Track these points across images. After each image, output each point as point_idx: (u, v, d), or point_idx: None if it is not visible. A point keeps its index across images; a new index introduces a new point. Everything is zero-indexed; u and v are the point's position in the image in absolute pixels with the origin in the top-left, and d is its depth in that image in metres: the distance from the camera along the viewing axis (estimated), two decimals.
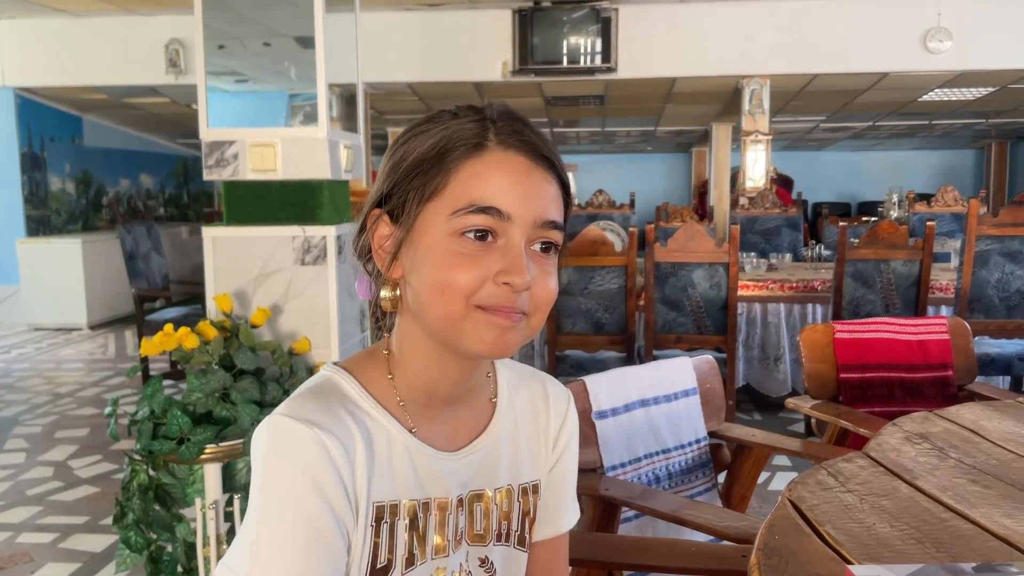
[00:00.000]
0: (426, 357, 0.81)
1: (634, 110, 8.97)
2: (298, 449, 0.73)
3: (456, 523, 0.85)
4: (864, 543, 1.04)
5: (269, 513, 0.73)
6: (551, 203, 0.79)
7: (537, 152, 0.78)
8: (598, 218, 6.07)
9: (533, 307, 0.77)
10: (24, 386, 5.35)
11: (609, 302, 3.79)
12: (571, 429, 0.97)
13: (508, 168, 0.77)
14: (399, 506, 0.80)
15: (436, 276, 0.75)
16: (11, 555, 2.83)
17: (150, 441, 1.73)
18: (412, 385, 0.83)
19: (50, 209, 8.05)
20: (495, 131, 0.78)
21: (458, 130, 0.78)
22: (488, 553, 0.89)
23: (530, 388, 0.94)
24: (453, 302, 0.75)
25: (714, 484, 1.99)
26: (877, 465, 1.33)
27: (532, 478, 0.92)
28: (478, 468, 0.87)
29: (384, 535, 0.79)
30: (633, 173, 13.52)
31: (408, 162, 0.79)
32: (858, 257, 3.93)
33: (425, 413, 0.84)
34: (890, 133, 11.35)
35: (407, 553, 0.81)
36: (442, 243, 0.76)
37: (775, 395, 4.42)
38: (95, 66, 7.06)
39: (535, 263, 0.77)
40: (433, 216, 0.77)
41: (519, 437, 0.92)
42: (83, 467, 3.75)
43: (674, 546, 1.47)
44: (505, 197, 0.75)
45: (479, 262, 0.75)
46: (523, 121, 0.80)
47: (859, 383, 2.34)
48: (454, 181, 0.76)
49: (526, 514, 0.92)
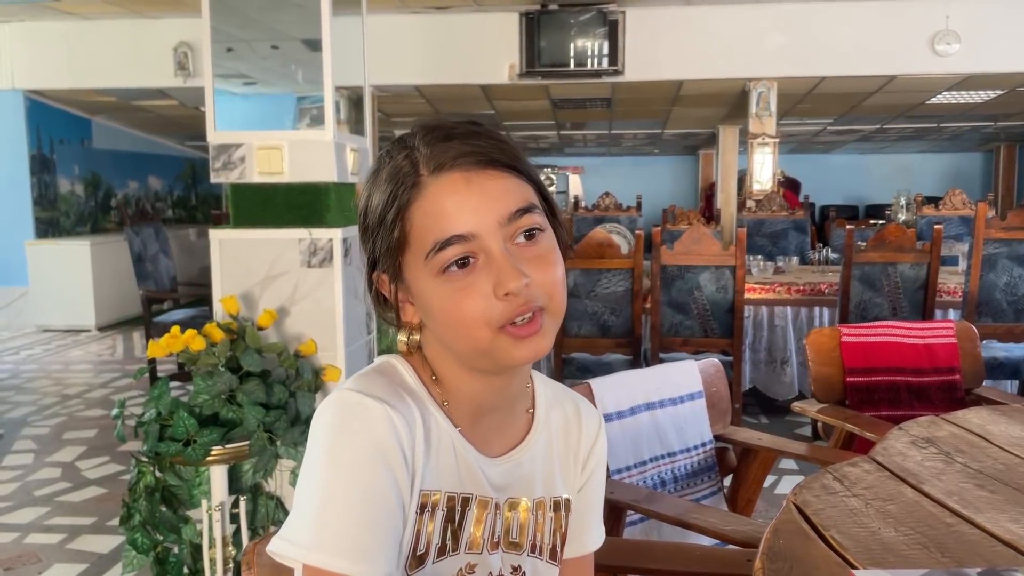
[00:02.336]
0: (461, 373, 0.84)
1: (641, 113, 8.96)
2: (368, 423, 0.75)
3: (494, 525, 0.86)
4: (869, 548, 1.04)
5: (335, 484, 0.73)
6: (506, 196, 0.78)
7: (469, 160, 0.78)
8: (604, 220, 6.07)
9: (546, 297, 0.78)
10: (33, 387, 5.37)
11: (615, 305, 3.79)
12: (600, 451, 0.98)
13: (447, 191, 0.77)
14: (440, 496, 0.82)
15: (445, 318, 0.78)
16: (19, 555, 2.84)
17: (156, 443, 1.74)
18: (455, 392, 0.85)
19: (59, 211, 8.08)
20: (424, 163, 0.78)
21: (394, 175, 0.79)
22: (521, 563, 0.90)
23: (563, 407, 0.96)
24: (476, 332, 0.77)
25: (720, 488, 1.99)
26: (883, 469, 1.32)
27: (564, 494, 0.94)
28: (515, 477, 0.88)
29: (425, 523, 0.81)
30: (640, 176, 13.51)
31: (372, 224, 0.81)
32: (865, 260, 3.92)
33: (470, 419, 0.86)
34: (898, 136, 11.32)
35: (440, 543, 0.82)
36: (433, 287, 0.77)
37: (781, 398, 4.41)
38: (104, 69, 7.09)
39: (525, 254, 0.78)
40: (413, 266, 0.79)
41: (553, 452, 0.93)
42: (91, 468, 3.77)
43: (679, 550, 1.47)
44: (458, 220, 0.76)
45: (474, 288, 0.76)
46: (448, 134, 0.79)
47: (866, 387, 2.33)
48: (411, 229, 0.78)
49: (558, 529, 0.92)
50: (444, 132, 0.79)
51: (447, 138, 0.79)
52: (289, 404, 1.90)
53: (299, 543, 0.72)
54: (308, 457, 0.76)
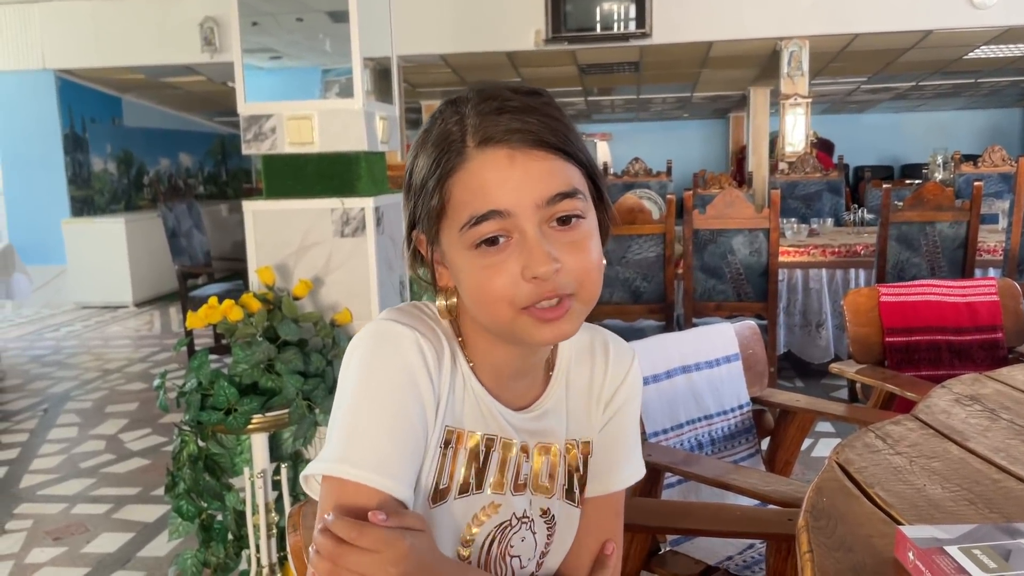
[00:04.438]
0: (487, 340, 0.85)
1: (669, 76, 8.84)
2: (400, 347, 0.79)
3: (519, 467, 0.87)
4: (915, 504, 1.02)
5: (365, 404, 0.77)
6: (549, 177, 0.77)
7: (517, 137, 0.77)
8: (634, 187, 6.02)
9: (576, 284, 0.77)
10: (74, 363, 5.48)
11: (647, 271, 3.77)
12: (629, 389, 0.97)
13: (489, 166, 0.76)
14: (464, 433, 0.84)
15: (473, 290, 0.78)
16: (67, 525, 2.92)
17: (198, 412, 1.77)
18: (479, 354, 0.86)
19: (93, 189, 8.19)
20: (471, 133, 0.77)
21: (442, 140, 0.78)
22: (550, 505, 0.91)
23: (592, 353, 0.95)
24: (497, 311, 0.78)
25: (757, 450, 1.98)
26: (926, 427, 1.31)
27: (583, 436, 0.94)
28: (539, 426, 0.90)
29: (449, 459, 0.83)
30: (669, 141, 13.35)
31: (415, 185, 0.81)
32: (902, 220, 3.85)
33: (493, 380, 0.87)
34: (934, 93, 11.06)
35: (463, 480, 0.84)
36: (464, 259, 0.78)
37: (817, 362, 4.37)
38: (132, 46, 7.13)
39: (560, 239, 0.77)
40: (448, 235, 0.79)
41: (573, 395, 0.94)
42: (133, 440, 3.85)
43: (719, 510, 1.47)
44: (497, 196, 0.76)
45: (503, 267, 0.76)
46: (501, 106, 0.78)
47: (905, 347, 2.30)
48: (450, 199, 0.78)
49: (575, 470, 0.93)
50: (498, 103, 0.78)
51: (499, 111, 0.78)
52: (326, 372, 1.92)
53: (326, 459, 0.76)
54: (341, 383, 0.80)
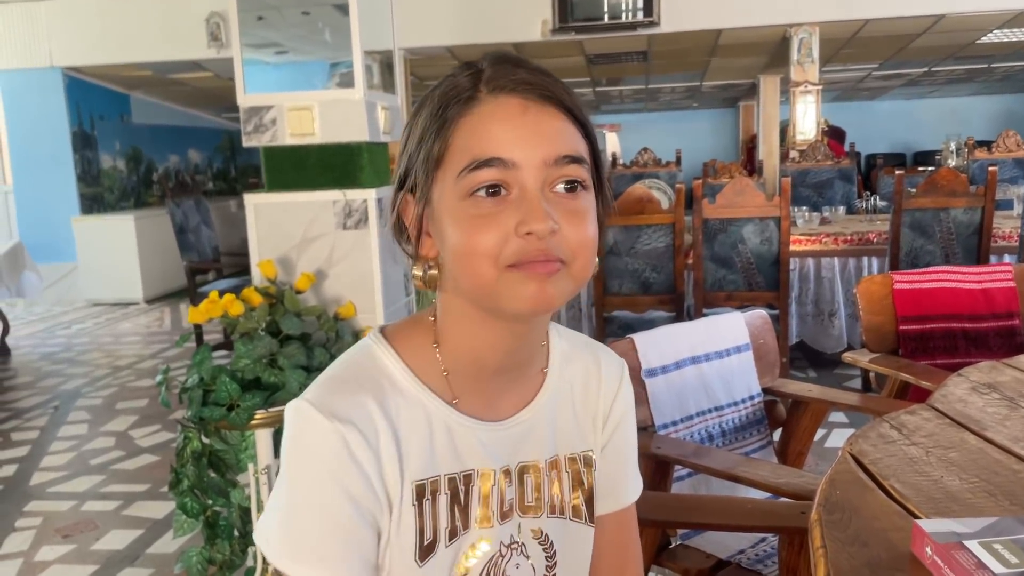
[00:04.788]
0: (470, 326, 0.78)
1: (678, 65, 8.77)
2: (319, 447, 0.74)
3: (502, 494, 0.82)
4: (932, 497, 0.99)
5: (294, 495, 0.75)
6: (560, 137, 0.73)
7: (532, 90, 0.73)
8: (644, 177, 5.97)
9: (570, 253, 0.72)
10: (85, 360, 5.50)
11: (657, 261, 3.73)
12: (624, 403, 0.93)
13: (502, 114, 0.72)
14: (439, 480, 0.79)
15: (458, 244, 0.72)
16: (76, 523, 2.92)
17: (200, 408, 1.75)
18: (458, 355, 0.80)
19: (103, 187, 8.20)
20: (485, 80, 0.74)
21: (450, 89, 0.75)
22: (542, 526, 0.86)
23: (583, 360, 0.91)
24: (481, 267, 0.72)
25: (769, 441, 1.94)
26: (943, 417, 1.27)
27: (582, 448, 0.89)
28: (525, 438, 0.84)
29: (427, 511, 0.78)
30: (679, 131, 13.26)
31: (413, 135, 0.77)
32: (916, 206, 3.79)
33: (472, 384, 0.81)
34: (947, 79, 10.94)
35: (449, 526, 0.79)
36: (456, 208, 0.72)
37: (830, 351, 4.32)
38: (139, 43, 7.13)
39: (560, 205, 0.73)
40: (443, 183, 0.74)
41: (567, 408, 0.88)
42: (143, 436, 3.85)
43: (730, 503, 1.43)
44: (504, 144, 0.71)
45: (496, 219, 0.71)
46: (517, 62, 0.75)
47: (919, 335, 2.26)
48: (453, 143, 0.73)
49: (579, 485, 0.88)
50: (515, 60, 0.76)
51: (516, 64, 0.75)
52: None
53: (270, 543, 0.75)
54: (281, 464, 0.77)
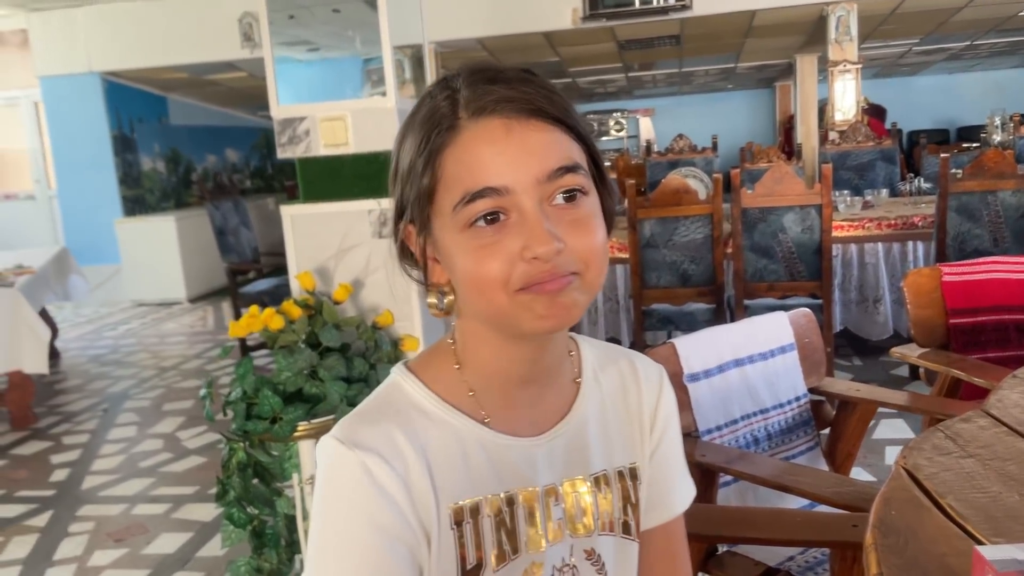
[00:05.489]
0: (492, 344, 0.78)
1: (712, 48, 8.63)
2: (344, 479, 0.73)
3: (549, 513, 0.80)
4: (991, 516, 0.96)
5: (326, 542, 0.73)
6: (549, 151, 0.71)
7: (513, 107, 0.71)
8: (679, 164, 5.90)
9: (581, 264, 0.71)
10: (132, 361, 5.60)
11: (695, 252, 3.68)
12: (668, 406, 0.91)
13: (485, 139, 0.70)
14: (480, 504, 0.77)
15: (466, 274, 0.72)
16: (127, 527, 2.97)
17: (244, 421, 1.76)
18: (483, 373, 0.79)
19: (143, 188, 8.33)
20: (463, 105, 0.71)
21: (430, 116, 0.73)
22: (594, 545, 0.84)
23: (617, 367, 0.89)
24: (492, 295, 0.71)
25: (816, 443, 1.91)
26: (999, 424, 1.23)
27: (627, 462, 0.87)
28: (566, 453, 0.82)
29: (469, 535, 0.76)
30: (713, 113, 13.09)
31: (403, 169, 0.75)
32: (962, 190, 3.69)
33: (502, 400, 0.80)
34: (989, 52, 10.63)
35: (497, 550, 0.77)
36: (458, 241, 0.71)
37: (875, 338, 4.24)
38: (175, 45, 7.22)
39: (563, 217, 0.71)
40: (440, 217, 0.73)
41: (608, 418, 0.86)
42: (190, 438, 3.91)
43: (779, 516, 1.41)
44: (493, 171, 0.69)
45: (499, 247, 0.70)
46: (493, 77, 0.72)
47: (970, 328, 2.20)
48: (442, 175, 0.71)
49: (627, 500, 0.86)
50: (490, 74, 0.73)
51: (492, 80, 0.72)
52: (370, 377, 1.90)
53: None
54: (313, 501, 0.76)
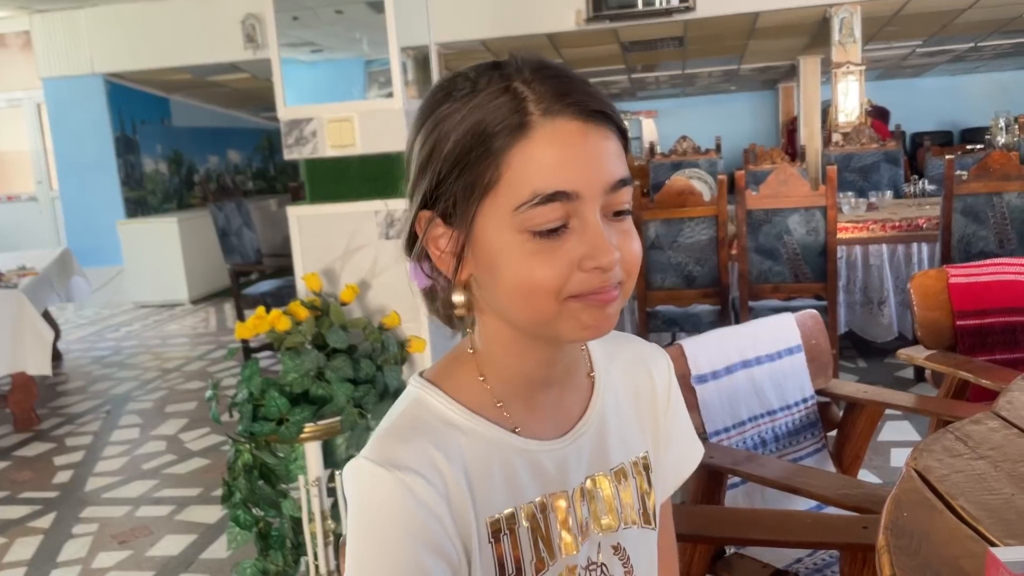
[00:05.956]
0: (517, 350, 0.76)
1: (715, 49, 8.63)
2: (385, 501, 0.70)
3: (579, 514, 0.80)
4: (1003, 518, 0.95)
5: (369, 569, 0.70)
6: (615, 161, 0.70)
7: (587, 109, 0.68)
8: (683, 166, 5.90)
9: (625, 274, 0.71)
10: (134, 363, 5.60)
11: (700, 254, 3.68)
12: (676, 387, 0.92)
13: (562, 141, 0.67)
14: (516, 514, 0.76)
15: (515, 280, 0.68)
16: (131, 529, 2.97)
17: (250, 423, 1.76)
18: (508, 381, 0.78)
19: (146, 190, 8.34)
20: (535, 100, 0.68)
21: (492, 108, 0.68)
22: (620, 540, 0.84)
23: (623, 355, 0.89)
24: (543, 303, 0.69)
25: (824, 444, 1.90)
26: (1010, 426, 1.22)
27: (642, 450, 0.87)
28: (591, 449, 0.82)
29: (507, 546, 0.75)
30: (717, 115, 13.09)
31: (445, 154, 0.69)
32: (967, 192, 3.68)
33: (527, 405, 0.79)
34: (993, 54, 10.62)
35: (535, 559, 0.76)
36: (512, 243, 0.68)
37: (880, 341, 4.23)
38: (177, 47, 7.22)
39: (615, 229, 0.70)
40: (493, 214, 0.68)
41: (622, 410, 0.86)
42: (193, 440, 3.90)
43: (787, 518, 1.40)
44: (567, 176, 0.67)
45: (558, 254, 0.67)
46: (561, 74, 0.70)
47: (977, 330, 2.19)
48: (507, 171, 0.67)
49: (643, 490, 0.86)
50: (556, 71, 0.70)
51: (562, 77, 0.69)
52: (377, 378, 1.90)
53: None
54: (348, 527, 0.73)
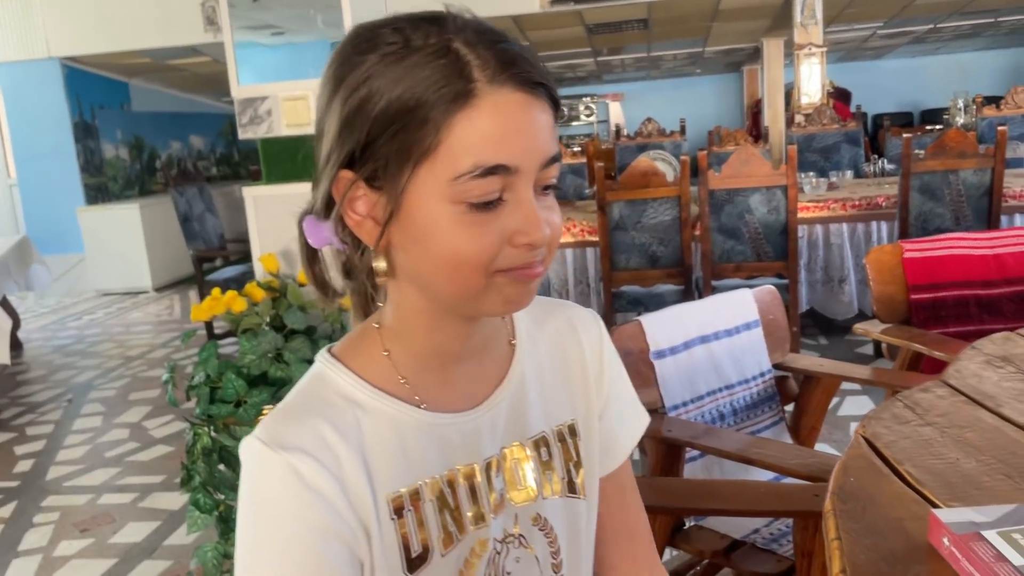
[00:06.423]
0: (428, 323, 0.73)
1: (680, 31, 8.65)
2: (271, 483, 0.68)
3: (490, 486, 0.78)
4: (948, 481, 0.97)
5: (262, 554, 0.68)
6: (551, 135, 0.67)
7: (530, 80, 0.66)
8: (648, 148, 5.91)
9: (548, 250, 0.70)
10: (97, 351, 5.52)
11: (663, 234, 3.70)
12: (611, 350, 0.89)
13: (507, 112, 0.64)
14: (420, 489, 0.74)
15: (444, 251, 0.66)
16: (93, 517, 2.94)
17: (208, 406, 1.74)
18: (416, 354, 0.75)
19: (106, 176, 8.19)
20: (480, 66, 0.64)
21: (433, 69, 0.64)
22: (539, 511, 0.82)
23: (553, 322, 0.87)
24: (470, 276, 0.66)
25: (781, 417, 1.93)
26: (957, 394, 1.25)
27: (568, 418, 0.85)
28: (507, 419, 0.80)
29: (411, 524, 0.73)
30: (682, 98, 13.14)
31: (377, 113, 0.64)
32: (924, 169, 3.74)
33: (437, 378, 0.76)
34: (953, 35, 10.77)
35: (443, 533, 0.75)
36: (445, 213, 0.65)
37: (841, 318, 4.30)
38: (136, 29, 7.08)
39: (542, 204, 0.69)
40: (427, 182, 0.65)
41: (546, 377, 0.84)
42: (157, 427, 3.86)
43: (742, 488, 1.42)
44: (510, 149, 0.64)
45: (491, 227, 0.65)
46: (504, 40, 0.67)
47: (931, 303, 2.23)
48: (447, 139, 0.64)
49: (568, 459, 0.84)
50: (499, 35, 0.67)
51: (506, 43, 0.66)
52: None
53: None
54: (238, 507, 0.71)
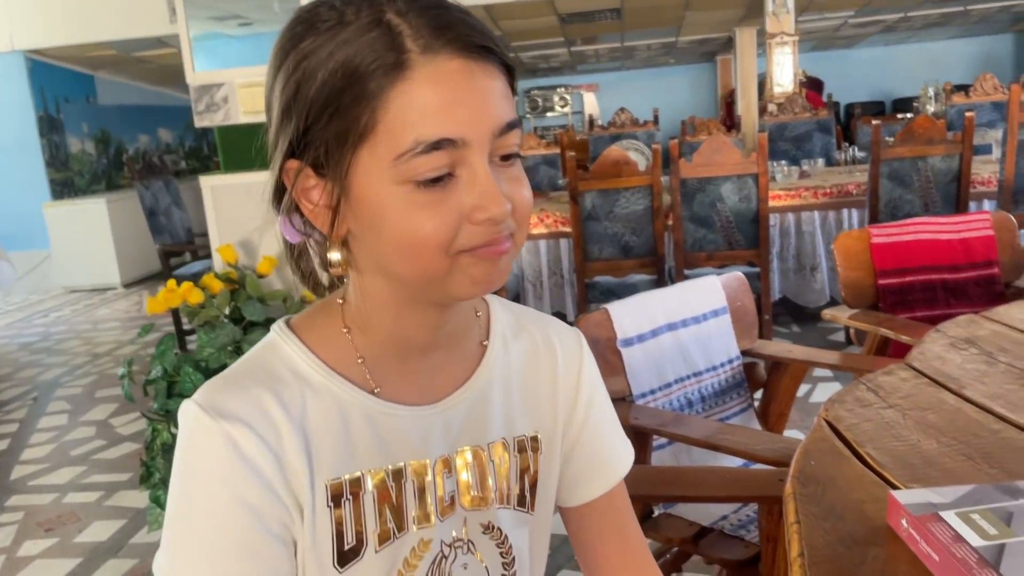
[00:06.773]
0: (393, 309, 0.70)
1: (653, 21, 8.64)
2: (206, 451, 0.65)
3: (441, 487, 0.74)
4: (908, 463, 0.96)
5: (186, 521, 0.66)
6: (502, 102, 0.63)
7: (469, 44, 0.61)
8: (621, 137, 5.90)
9: (516, 223, 0.66)
10: (63, 348, 5.42)
11: (636, 224, 3.68)
12: (591, 371, 0.85)
13: (444, 82, 0.60)
14: (362, 479, 0.71)
15: (400, 236, 0.62)
16: (58, 515, 2.88)
17: (165, 400, 1.70)
18: (378, 340, 0.72)
19: (72, 171, 8.05)
20: (412, 35, 0.60)
21: (364, 43, 0.60)
22: (491, 519, 0.78)
23: (530, 335, 0.83)
24: (431, 259, 0.63)
25: (750, 404, 1.92)
26: (920, 376, 1.24)
27: (528, 431, 0.81)
28: (465, 420, 0.76)
29: (348, 513, 0.70)
30: (657, 88, 13.13)
31: (312, 96, 0.61)
32: (893, 156, 3.75)
33: (397, 367, 0.73)
34: (923, 24, 10.84)
35: (379, 528, 0.71)
36: (394, 195, 0.61)
37: (813, 306, 4.31)
38: (100, 21, 6.95)
39: (504, 176, 0.64)
40: (370, 164, 0.61)
41: (513, 386, 0.80)
42: (123, 425, 3.80)
43: (708, 474, 1.41)
44: (452, 121, 0.60)
45: (446, 206, 0.62)
46: (438, 4, 0.62)
47: (899, 288, 2.23)
48: (384, 116, 0.60)
49: (524, 471, 0.80)
50: (432, 1, 0.62)
51: (440, 7, 0.62)
52: None
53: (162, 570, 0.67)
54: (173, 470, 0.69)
